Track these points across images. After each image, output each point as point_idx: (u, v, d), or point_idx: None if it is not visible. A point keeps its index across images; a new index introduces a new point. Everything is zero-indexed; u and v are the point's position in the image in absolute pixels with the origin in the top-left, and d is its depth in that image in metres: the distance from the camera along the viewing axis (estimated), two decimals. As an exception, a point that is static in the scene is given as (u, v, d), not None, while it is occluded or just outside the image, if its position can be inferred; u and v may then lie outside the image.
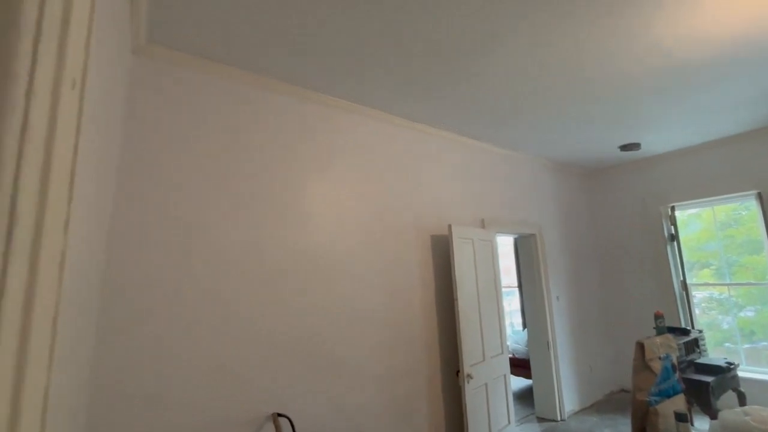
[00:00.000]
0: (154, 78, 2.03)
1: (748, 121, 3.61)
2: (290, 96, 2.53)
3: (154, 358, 1.83)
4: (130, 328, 1.78)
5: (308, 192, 2.52)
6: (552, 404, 3.92)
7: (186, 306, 1.95)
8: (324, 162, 2.63)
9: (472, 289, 3.12)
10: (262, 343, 2.16)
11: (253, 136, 2.34)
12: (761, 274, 3.95)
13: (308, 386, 2.28)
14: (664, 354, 2.31)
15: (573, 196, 4.88)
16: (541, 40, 2.14)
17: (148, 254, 1.89)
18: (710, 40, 2.24)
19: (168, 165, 2.01)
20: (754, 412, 1.84)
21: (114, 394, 1.71)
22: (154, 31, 1.91)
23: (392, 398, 2.66)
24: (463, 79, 2.53)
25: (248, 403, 2.06)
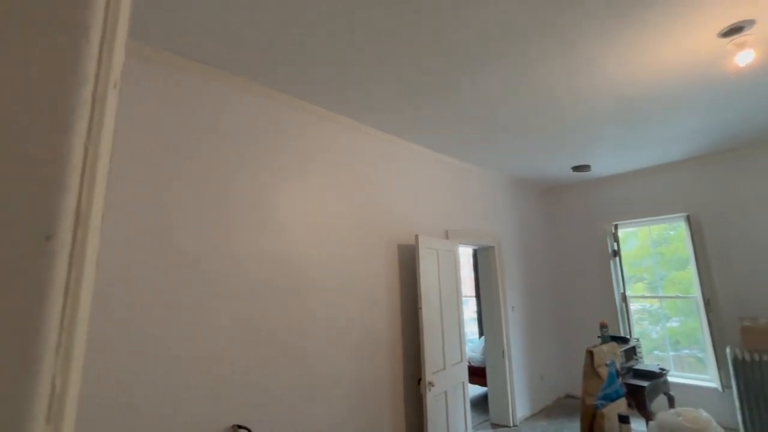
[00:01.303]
0: (128, 73, 1.91)
1: (682, 151, 4.05)
2: (268, 99, 2.48)
3: (119, 366, 1.69)
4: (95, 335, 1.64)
5: (282, 199, 2.47)
6: (505, 410, 4.08)
7: (160, 306, 1.83)
8: (299, 169, 2.60)
9: (436, 298, 3.20)
10: (229, 354, 2.07)
11: (231, 137, 2.27)
12: (686, 289, 4.40)
13: (272, 397, 2.22)
14: (609, 361, 2.50)
15: (530, 211, 5.17)
16: (515, 70, 2.29)
17: (126, 255, 1.76)
18: (654, 80, 2.51)
19: (145, 164, 1.89)
20: (685, 413, 2.04)
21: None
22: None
23: (355, 407, 2.64)
24: (442, 98, 2.63)
25: (211, 414, 1.96)
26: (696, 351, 4.33)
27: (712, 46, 2.16)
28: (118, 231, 1.81)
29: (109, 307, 1.74)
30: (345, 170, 2.92)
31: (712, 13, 1.90)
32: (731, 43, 2.10)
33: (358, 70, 2.29)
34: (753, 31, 2.03)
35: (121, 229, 1.82)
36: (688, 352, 4.43)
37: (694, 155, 4.21)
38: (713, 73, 2.47)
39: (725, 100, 2.86)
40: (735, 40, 2.07)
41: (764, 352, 3.45)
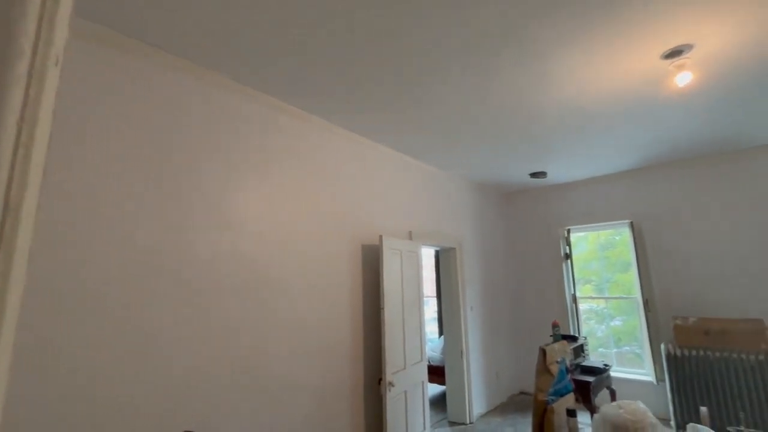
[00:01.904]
0: (77, 58, 1.76)
1: (628, 162, 4.36)
2: (232, 93, 2.39)
3: (65, 370, 1.54)
4: (37, 335, 1.49)
5: (245, 196, 2.39)
6: (462, 408, 4.18)
7: (106, 307, 1.69)
8: (263, 166, 2.52)
9: (398, 298, 3.22)
10: (182, 355, 1.96)
11: (186, 129, 2.15)
12: (628, 290, 4.75)
13: (227, 401, 2.13)
14: (560, 358, 2.64)
15: (489, 215, 5.35)
16: (478, 79, 2.35)
17: (78, 251, 1.61)
18: (604, 94, 2.68)
19: (101, 156, 1.74)
20: (626, 405, 2.19)
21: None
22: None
23: (315, 409, 2.60)
24: (408, 102, 2.65)
25: (159, 419, 1.84)
26: (635, 347, 4.67)
27: (656, 66, 2.35)
28: (67, 226, 1.66)
29: (58, 305, 1.59)
30: (310, 168, 2.87)
31: (656, 36, 2.06)
32: (672, 65, 2.29)
33: (323, 69, 2.26)
34: (691, 54, 2.23)
35: (69, 222, 1.67)
36: (629, 348, 4.78)
37: (639, 166, 4.54)
38: (656, 92, 2.68)
39: (666, 117, 3.12)
40: (675, 62, 2.26)
41: (693, 348, 3.79)
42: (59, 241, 1.66)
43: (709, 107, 2.97)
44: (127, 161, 1.91)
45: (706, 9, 1.86)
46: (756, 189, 3.92)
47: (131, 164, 1.92)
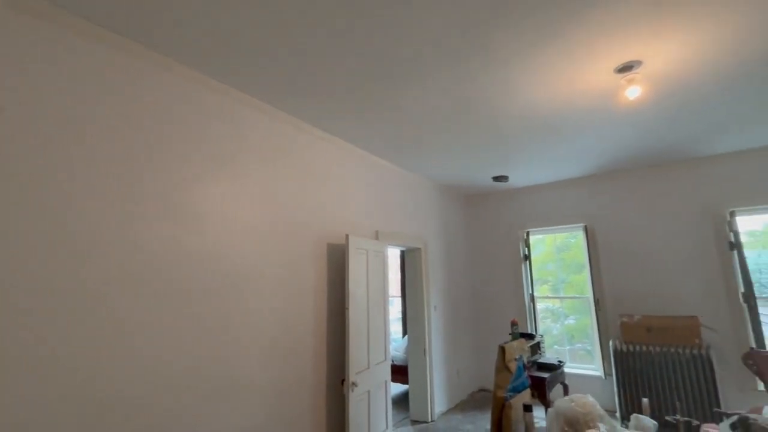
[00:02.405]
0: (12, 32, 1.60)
1: (583, 169, 4.61)
2: (192, 82, 2.27)
3: (12, 374, 1.39)
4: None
5: (203, 190, 2.28)
6: (424, 407, 4.24)
7: (59, 305, 1.55)
8: (224, 160, 2.42)
9: (363, 298, 3.21)
10: (134, 357, 1.84)
11: (145, 120, 2.02)
12: (581, 290, 5.02)
13: (182, 405, 2.02)
14: (518, 356, 2.73)
15: (454, 216, 5.46)
16: (444, 83, 2.40)
17: (8, 250, 1.45)
18: (561, 104, 2.82)
19: (39, 146, 1.59)
20: (578, 399, 2.30)
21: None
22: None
23: (275, 411, 2.53)
24: (376, 101, 2.64)
25: (109, 426, 1.72)
26: (586, 344, 4.95)
27: (609, 79, 2.50)
28: (11, 219, 1.51)
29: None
30: (276, 165, 2.79)
31: (610, 50, 2.19)
32: (623, 79, 2.44)
33: (290, 65, 2.21)
34: (641, 70, 2.39)
35: (15, 216, 1.52)
36: (581, 345, 5.05)
37: (593, 173, 4.82)
38: (609, 103, 2.85)
39: (618, 127, 3.33)
40: (626, 77, 2.42)
41: (637, 344, 4.07)
42: (7, 232, 1.50)
43: (656, 120, 3.20)
44: (79, 153, 1.77)
45: (653, 29, 2.00)
46: (693, 197, 4.27)
47: (83, 155, 1.78)
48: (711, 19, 1.94)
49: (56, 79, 1.74)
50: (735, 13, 1.90)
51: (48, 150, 1.69)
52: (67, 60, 1.79)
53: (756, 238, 4.39)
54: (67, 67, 1.79)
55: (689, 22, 1.96)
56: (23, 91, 1.64)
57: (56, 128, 1.72)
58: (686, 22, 1.96)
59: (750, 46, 2.17)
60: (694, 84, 2.60)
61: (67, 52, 1.79)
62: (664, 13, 1.89)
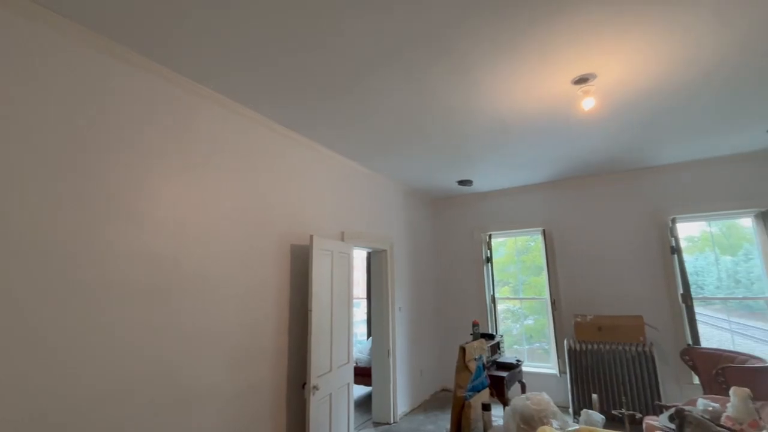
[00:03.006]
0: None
1: (543, 175, 4.80)
2: (147, 72, 2.14)
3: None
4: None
5: (154, 187, 2.15)
6: (387, 408, 4.24)
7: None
8: (179, 155, 2.30)
9: (327, 300, 3.17)
10: (75, 364, 1.70)
11: (101, 115, 1.88)
12: (540, 291, 5.23)
13: (130, 416, 1.89)
14: (478, 355, 2.80)
15: (421, 218, 5.53)
16: (408, 86, 2.41)
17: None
18: (523, 112, 2.92)
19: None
20: (533, 397, 2.39)
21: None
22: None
23: (233, 417, 2.43)
24: (341, 100, 2.62)
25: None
26: (544, 344, 5.16)
27: (567, 89, 2.62)
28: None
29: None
30: (237, 162, 2.70)
31: (567, 62, 2.29)
32: (580, 90, 2.57)
33: (253, 53, 2.14)
34: (595, 82, 2.52)
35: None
36: (539, 345, 5.26)
37: (552, 179, 5.04)
38: (567, 113, 2.99)
39: (574, 136, 3.50)
40: (582, 88, 2.55)
41: (589, 342, 4.29)
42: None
43: (608, 131, 3.39)
44: (12, 143, 1.61)
45: (607, 44, 2.12)
46: (640, 204, 4.57)
47: (16, 146, 1.63)
48: (660, 38, 2.08)
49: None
50: (683, 33, 2.05)
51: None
52: (28, 57, 1.63)
53: (694, 243, 4.77)
54: (28, 64, 1.63)
55: (640, 40, 2.09)
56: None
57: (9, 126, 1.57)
58: (637, 40, 2.09)
59: (695, 64, 2.35)
60: (643, 98, 2.78)
61: (30, 49, 1.64)
62: (618, 30, 2.00)
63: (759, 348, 4.89)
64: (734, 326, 4.49)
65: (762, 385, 2.86)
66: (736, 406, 2.13)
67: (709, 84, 2.59)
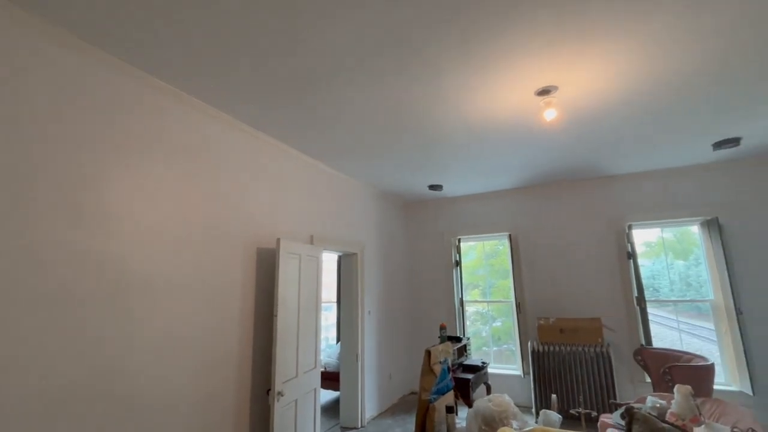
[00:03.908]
0: None
1: (509, 181, 4.95)
2: (101, 64, 2.04)
3: None
4: None
5: (110, 188, 2.05)
6: (355, 413, 4.22)
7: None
8: (137, 155, 2.21)
9: (294, 304, 3.12)
10: (35, 384, 1.58)
11: (41, 102, 1.77)
12: (507, 294, 5.37)
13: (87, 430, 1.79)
14: (443, 358, 2.83)
15: (391, 222, 5.55)
16: (378, 91, 2.43)
17: None
18: (490, 120, 3.01)
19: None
20: (495, 398, 2.44)
21: None
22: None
23: (195, 426, 2.34)
24: (319, 106, 2.60)
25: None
26: (511, 345, 5.29)
27: (530, 100, 2.72)
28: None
29: None
30: (200, 163, 2.62)
31: (530, 73, 2.38)
32: (542, 101, 2.67)
33: (222, 53, 2.09)
34: (557, 94, 2.63)
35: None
36: (506, 347, 5.39)
37: (518, 186, 5.20)
38: (530, 122, 3.10)
39: (537, 145, 3.63)
40: (545, 99, 2.65)
41: (551, 344, 4.44)
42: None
43: (569, 141, 3.54)
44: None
45: (567, 58, 2.22)
46: (600, 211, 4.79)
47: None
48: (617, 52, 2.19)
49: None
50: (639, 48, 2.17)
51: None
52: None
53: (651, 249, 5.04)
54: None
55: (594, 57, 2.20)
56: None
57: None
58: (591, 56, 2.20)
59: (650, 77, 2.49)
60: (602, 111, 2.92)
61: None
62: (578, 45, 2.10)
63: (705, 347, 5.23)
64: (684, 326, 4.78)
65: (704, 383, 3.06)
66: (679, 403, 2.27)
67: (662, 97, 2.75)
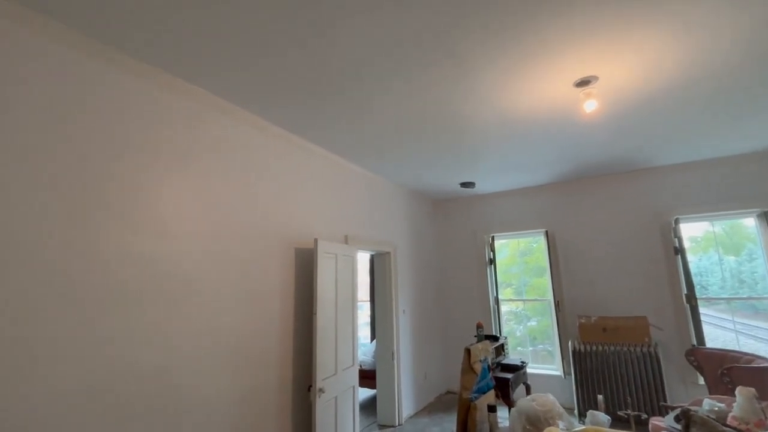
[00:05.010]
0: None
1: (546, 176, 4.81)
2: (147, 79, 2.17)
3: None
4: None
5: (160, 193, 2.18)
6: (392, 411, 4.24)
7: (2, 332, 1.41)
8: (184, 161, 2.33)
9: (331, 303, 3.18)
10: (95, 378, 1.72)
11: (103, 119, 1.91)
12: (543, 293, 5.23)
13: (146, 427, 1.91)
14: (483, 357, 2.80)
15: (423, 221, 5.54)
16: (411, 89, 2.43)
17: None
18: (526, 114, 2.94)
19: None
20: (539, 398, 2.39)
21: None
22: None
23: (239, 422, 2.44)
24: (342, 103, 2.64)
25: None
26: (547, 345, 5.15)
27: (569, 92, 2.64)
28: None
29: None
30: (241, 168, 2.72)
31: (569, 65, 2.31)
32: (582, 93, 2.59)
33: (257, 62, 2.17)
34: (597, 85, 2.54)
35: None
36: (542, 346, 5.25)
37: (554, 180, 5.05)
38: (569, 115, 3.01)
39: (576, 138, 3.51)
40: (584, 90, 2.56)
41: (593, 344, 4.28)
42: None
43: (611, 132, 3.41)
44: (18, 150, 1.64)
45: (607, 47, 2.13)
46: (644, 204, 4.58)
47: (28, 157, 1.65)
48: (662, 38, 2.10)
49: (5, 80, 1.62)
50: (685, 33, 2.06)
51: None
52: (10, 56, 1.66)
53: (697, 244, 4.76)
54: (10, 64, 1.66)
55: (637, 44, 2.11)
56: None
57: (8, 132, 1.60)
58: (635, 44, 2.11)
59: (699, 64, 2.36)
60: (645, 100, 2.79)
61: (15, 51, 1.67)
62: (615, 34, 2.02)
63: (764, 348, 4.87)
64: (739, 326, 4.47)
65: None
66: (741, 406, 2.13)
67: (713, 84, 2.60)
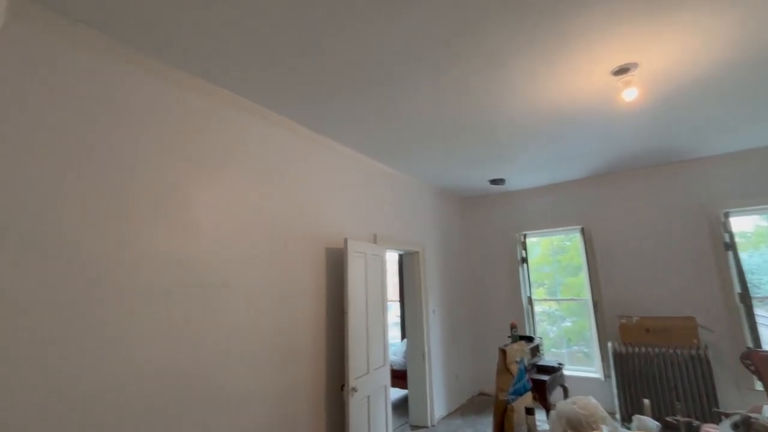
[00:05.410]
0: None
1: (580, 170, 4.63)
2: (179, 84, 2.25)
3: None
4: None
5: (194, 196, 2.25)
6: (424, 412, 4.20)
7: (38, 329, 1.51)
8: (216, 163, 2.40)
9: (362, 302, 3.19)
10: (131, 375, 1.80)
11: (131, 122, 2.00)
12: (578, 292, 5.02)
13: (166, 423, 1.97)
14: (519, 358, 2.72)
15: (451, 219, 5.46)
16: (441, 85, 2.40)
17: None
18: (561, 105, 2.83)
19: (15, 147, 1.56)
20: (579, 401, 2.29)
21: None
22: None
23: (274, 419, 2.49)
24: (378, 104, 2.64)
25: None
26: (583, 347, 4.95)
27: (606, 81, 2.52)
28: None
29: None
30: (272, 169, 2.77)
31: (606, 53, 2.20)
32: (620, 81, 2.46)
33: (285, 65, 2.20)
34: (637, 72, 2.41)
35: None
36: (578, 348, 5.05)
37: (589, 175, 4.85)
38: (606, 105, 2.88)
39: (614, 129, 3.35)
40: (623, 79, 2.44)
41: (636, 345, 4.07)
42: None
43: (652, 121, 3.23)
44: (62, 155, 1.74)
45: (647, 32, 2.02)
46: (689, 197, 4.31)
47: (66, 158, 1.75)
48: (707, 20, 1.96)
49: (43, 86, 1.72)
50: (729, 17, 1.92)
51: (40, 154, 1.66)
52: (56, 66, 1.76)
53: (747, 239, 4.44)
54: (56, 73, 1.76)
55: (683, 26, 1.98)
56: (15, 97, 1.61)
57: (48, 134, 1.70)
58: (680, 26, 1.98)
59: (744, 49, 2.20)
60: (689, 86, 2.63)
61: (56, 58, 1.77)
62: (658, 17, 1.91)
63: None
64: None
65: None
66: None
67: (764, 66, 2.41)
